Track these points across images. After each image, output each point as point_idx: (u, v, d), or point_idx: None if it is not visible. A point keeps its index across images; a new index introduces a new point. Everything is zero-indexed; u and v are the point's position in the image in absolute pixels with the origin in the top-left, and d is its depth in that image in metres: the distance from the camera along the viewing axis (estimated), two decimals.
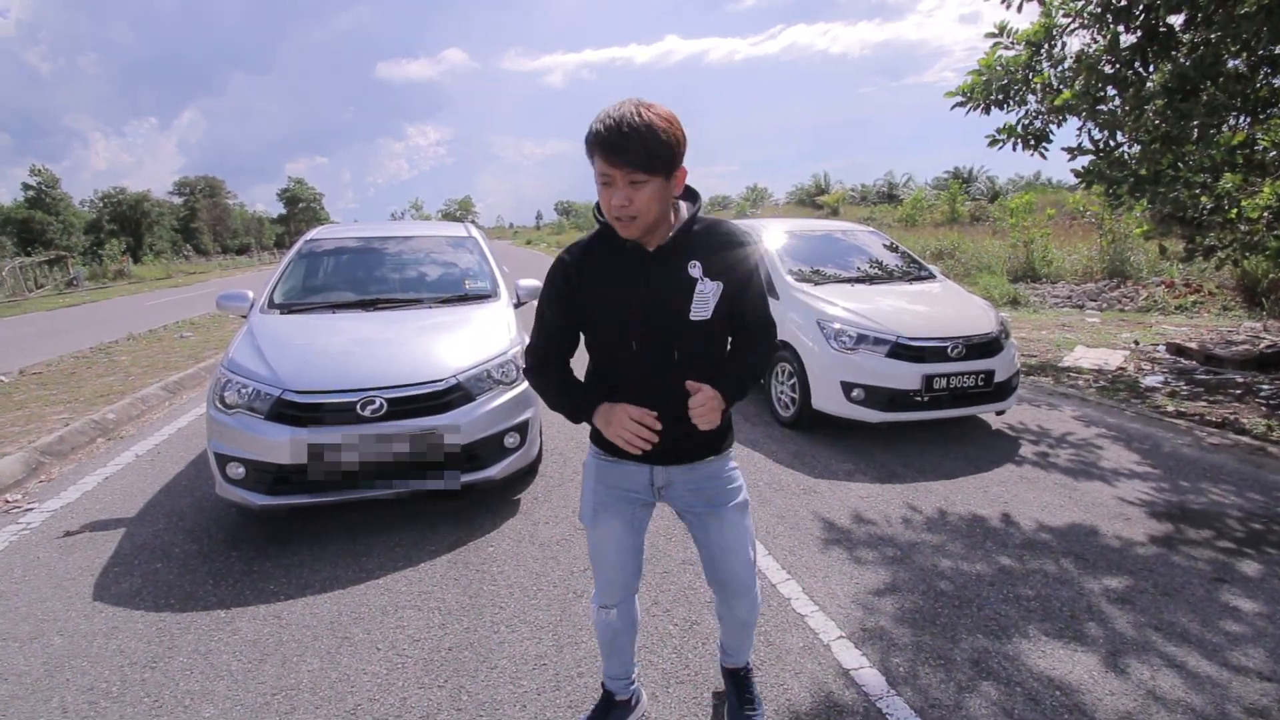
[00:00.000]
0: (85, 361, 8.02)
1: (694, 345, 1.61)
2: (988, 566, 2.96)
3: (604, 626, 1.92)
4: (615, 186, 1.46)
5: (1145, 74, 5.20)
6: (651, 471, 1.74)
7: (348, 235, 5.00)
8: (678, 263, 1.58)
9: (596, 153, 1.45)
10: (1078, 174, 5.70)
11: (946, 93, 6.27)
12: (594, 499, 1.79)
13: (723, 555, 1.81)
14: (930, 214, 27.07)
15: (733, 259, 1.61)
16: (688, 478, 1.75)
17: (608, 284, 1.60)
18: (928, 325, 4.48)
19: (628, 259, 1.59)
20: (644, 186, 1.45)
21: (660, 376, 1.61)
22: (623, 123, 1.41)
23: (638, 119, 1.41)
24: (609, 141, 1.42)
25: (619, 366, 1.65)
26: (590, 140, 1.46)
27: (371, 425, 3.11)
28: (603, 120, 1.43)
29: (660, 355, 1.60)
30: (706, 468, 1.75)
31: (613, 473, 1.76)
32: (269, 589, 2.88)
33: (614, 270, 1.59)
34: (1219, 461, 4.13)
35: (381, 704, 2.18)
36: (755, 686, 2.11)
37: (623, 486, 1.76)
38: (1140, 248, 11.79)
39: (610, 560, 1.83)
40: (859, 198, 40.96)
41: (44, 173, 41.62)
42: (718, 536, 1.79)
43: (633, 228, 1.50)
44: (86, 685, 2.30)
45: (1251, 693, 2.17)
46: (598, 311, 1.62)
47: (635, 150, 1.41)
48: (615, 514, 1.78)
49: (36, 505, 3.81)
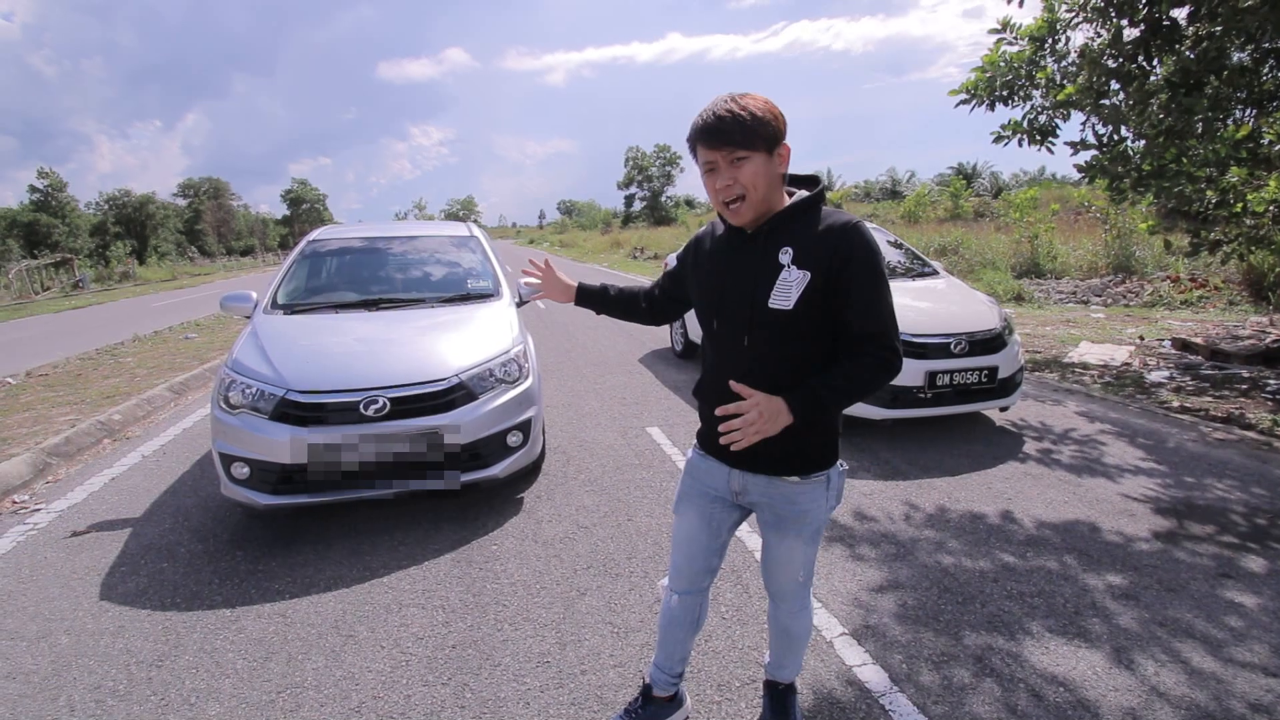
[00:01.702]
0: (91, 363, 8.06)
1: (770, 334, 1.52)
2: (991, 563, 2.96)
3: (666, 609, 1.93)
4: (719, 172, 1.48)
5: (1149, 68, 5.18)
6: (729, 474, 1.71)
7: (350, 236, 5.01)
8: (770, 247, 1.53)
9: (699, 143, 1.48)
10: (1081, 169, 5.68)
11: (950, 90, 6.25)
12: (683, 488, 1.84)
13: (775, 567, 1.79)
14: (933, 210, 26.98)
15: (833, 250, 1.46)
16: (765, 490, 1.66)
17: (703, 262, 1.69)
18: (931, 321, 4.47)
19: (726, 240, 1.64)
20: (746, 163, 1.45)
21: (733, 362, 1.58)
22: (718, 107, 1.46)
23: (732, 104, 1.45)
24: (707, 127, 1.46)
25: (708, 344, 1.71)
26: (691, 135, 1.50)
27: (375, 425, 3.12)
28: (700, 114, 1.48)
29: (734, 340, 1.59)
30: (787, 487, 1.64)
31: (699, 467, 1.79)
32: (274, 588, 2.89)
33: (713, 250, 1.67)
34: (1224, 457, 4.11)
35: (386, 701, 2.20)
36: (797, 710, 2.02)
37: (705, 483, 1.78)
38: (1146, 243, 11.74)
39: (682, 549, 1.85)
40: (862, 194, 40.90)
41: (51, 175, 41.84)
42: (776, 550, 1.75)
43: (743, 210, 1.50)
44: (94, 684, 2.32)
45: (1255, 689, 2.16)
46: (694, 289, 1.74)
47: (732, 128, 1.43)
48: (694, 506, 1.80)
49: (44, 506, 3.83)
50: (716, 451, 1.69)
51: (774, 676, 2.02)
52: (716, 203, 1.52)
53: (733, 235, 1.61)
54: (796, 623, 1.87)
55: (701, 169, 1.51)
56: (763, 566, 1.85)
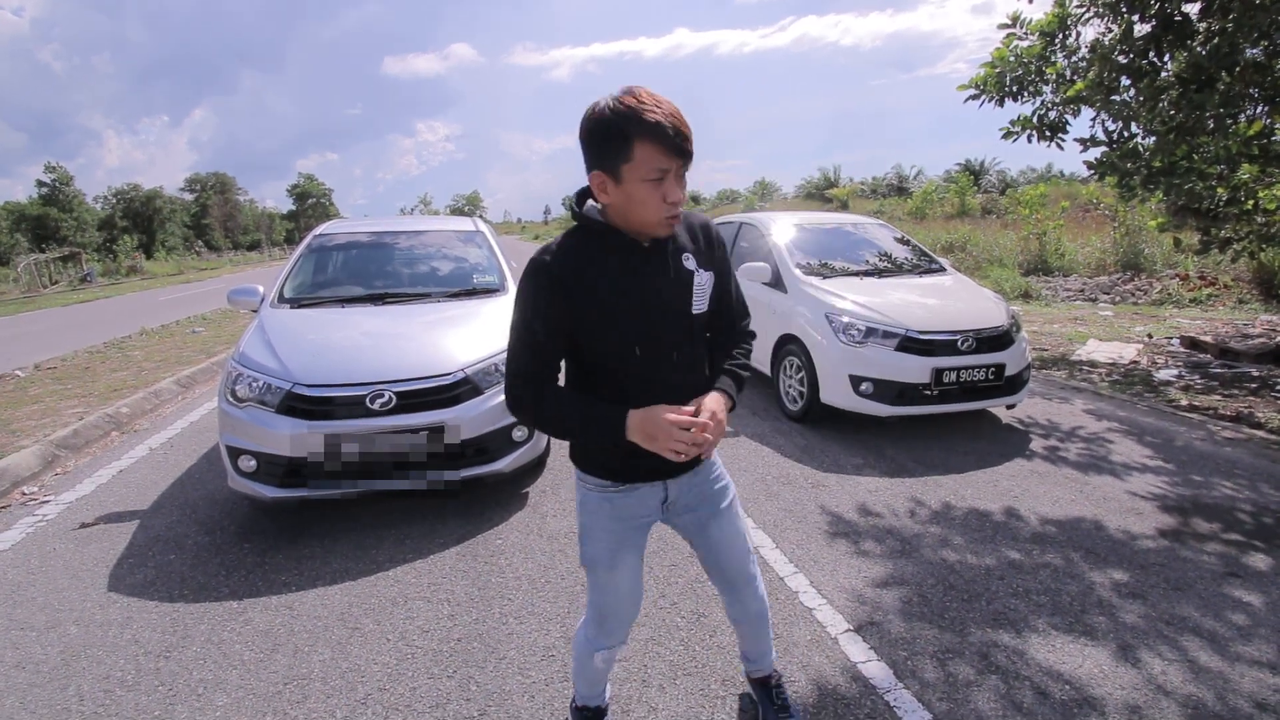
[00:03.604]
0: (99, 356, 8.11)
1: (693, 342, 1.55)
2: (996, 560, 2.95)
3: (606, 662, 1.78)
4: (670, 182, 1.35)
5: (1160, 64, 5.13)
6: (665, 487, 1.62)
7: (357, 230, 5.02)
8: (675, 255, 1.50)
9: (653, 145, 1.30)
10: (1091, 166, 5.65)
11: (959, 86, 6.23)
12: (610, 538, 1.61)
13: (727, 550, 1.73)
14: (940, 207, 26.86)
15: (715, 246, 1.58)
16: (693, 483, 1.65)
17: (608, 285, 1.43)
18: (937, 318, 4.45)
19: (626, 256, 1.45)
20: (684, 177, 1.39)
21: (663, 380, 1.49)
22: (676, 114, 1.32)
23: (672, 104, 1.34)
24: (679, 132, 1.31)
25: (615, 378, 1.48)
26: (640, 130, 1.29)
27: (381, 419, 3.14)
28: (645, 109, 1.29)
29: (662, 357, 1.49)
30: (705, 470, 1.68)
31: (626, 502, 1.60)
32: (280, 580, 2.91)
33: (613, 270, 1.44)
34: (1233, 456, 4.09)
35: (391, 693, 2.21)
36: (788, 694, 2.01)
37: (636, 515, 1.62)
38: (1155, 240, 11.66)
39: (627, 601, 1.69)
40: (869, 191, 40.73)
41: (58, 170, 42.09)
42: (718, 534, 1.70)
43: (676, 224, 1.43)
44: (102, 674, 2.34)
45: (1261, 687, 2.15)
46: (599, 317, 1.44)
47: (690, 139, 1.34)
48: (632, 549, 1.64)
49: (52, 498, 3.86)
50: (646, 475, 1.57)
51: (761, 671, 1.98)
52: (657, 212, 1.37)
53: (635, 249, 1.45)
54: (761, 601, 1.83)
55: (647, 173, 1.32)
56: (715, 566, 1.75)
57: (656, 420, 1.38)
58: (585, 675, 1.84)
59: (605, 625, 1.72)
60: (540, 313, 1.42)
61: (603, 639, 1.74)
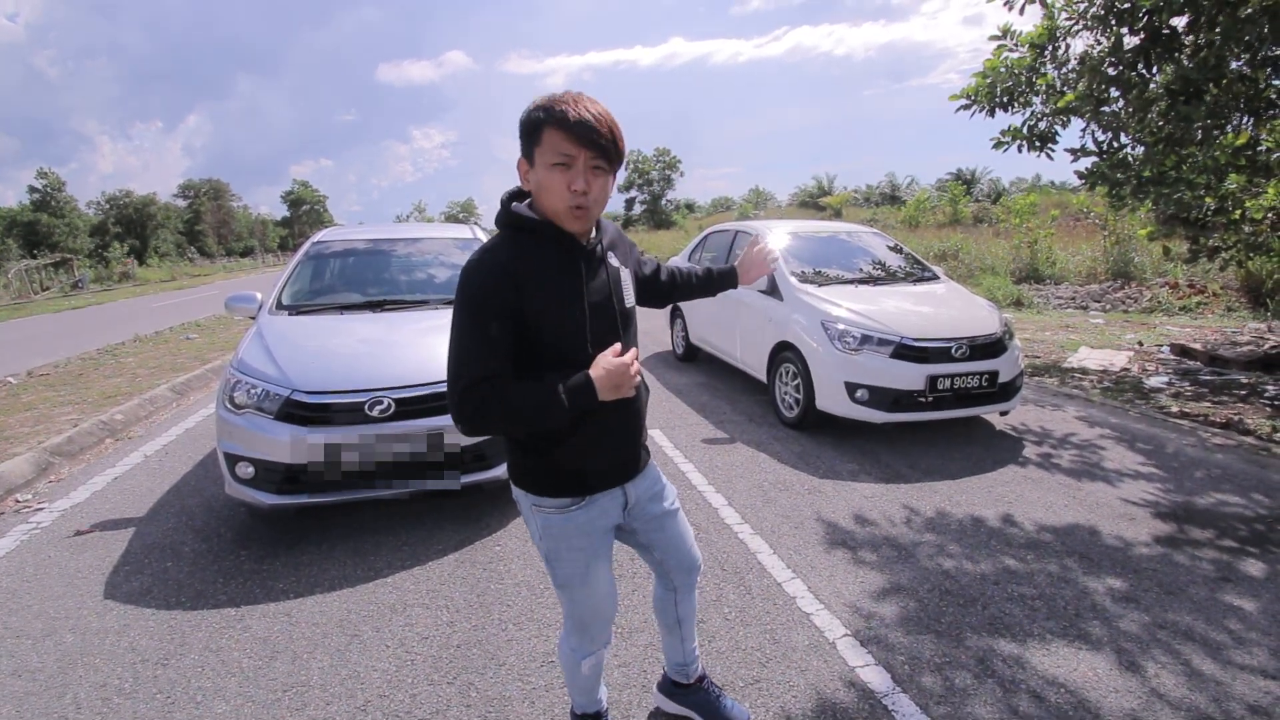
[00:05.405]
0: (92, 363, 8.07)
1: (632, 333, 1.64)
2: (992, 566, 2.98)
3: (593, 668, 1.82)
4: (575, 170, 1.38)
5: (1148, 76, 5.22)
6: (625, 491, 1.66)
7: (354, 237, 5.03)
8: (605, 255, 1.58)
9: (558, 131, 1.35)
10: (1081, 175, 5.72)
11: (951, 95, 6.30)
12: (580, 556, 1.62)
13: (681, 541, 1.82)
14: (933, 215, 27.06)
15: (628, 247, 1.73)
16: (645, 485, 1.71)
17: (560, 284, 1.46)
18: (932, 326, 4.49)
19: (570, 255, 1.49)
20: (601, 177, 1.42)
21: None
22: (588, 104, 1.37)
23: (606, 115, 1.39)
24: (581, 120, 1.34)
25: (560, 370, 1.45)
26: (548, 119, 1.35)
27: (379, 425, 3.14)
28: (560, 102, 1.36)
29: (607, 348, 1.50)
30: (651, 469, 1.74)
31: (589, 515, 1.60)
32: (278, 587, 2.90)
33: (560, 268, 1.47)
34: (1223, 462, 4.14)
35: (391, 700, 2.21)
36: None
37: (601, 526, 1.63)
38: (1144, 249, 11.78)
39: (605, 604, 1.72)
40: (862, 199, 40.98)
41: (50, 175, 41.88)
42: (674, 529, 1.79)
43: (584, 219, 1.44)
44: (99, 682, 2.32)
45: (1254, 692, 2.18)
46: (552, 315, 1.44)
47: (607, 141, 1.38)
48: (603, 557, 1.67)
49: (46, 505, 3.84)
50: (609, 482, 1.62)
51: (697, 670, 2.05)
52: (562, 201, 1.40)
53: (572, 252, 1.49)
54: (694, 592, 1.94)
55: (552, 157, 1.37)
56: (675, 561, 1.83)
57: (610, 368, 1.44)
58: (576, 684, 1.87)
59: (588, 632, 1.74)
60: (494, 310, 1.41)
61: (588, 645, 1.76)
